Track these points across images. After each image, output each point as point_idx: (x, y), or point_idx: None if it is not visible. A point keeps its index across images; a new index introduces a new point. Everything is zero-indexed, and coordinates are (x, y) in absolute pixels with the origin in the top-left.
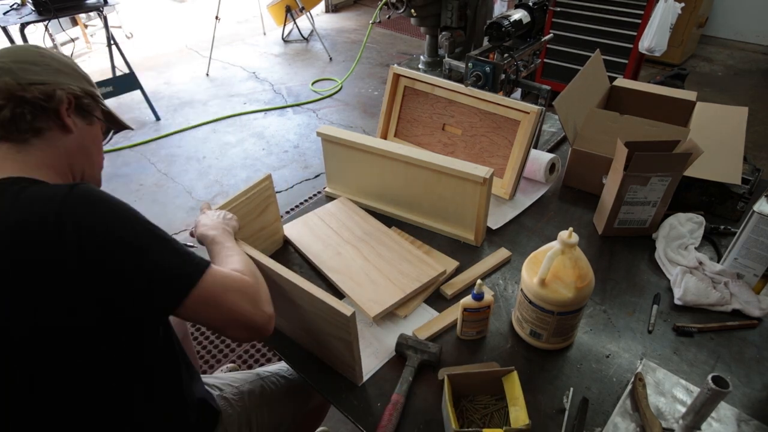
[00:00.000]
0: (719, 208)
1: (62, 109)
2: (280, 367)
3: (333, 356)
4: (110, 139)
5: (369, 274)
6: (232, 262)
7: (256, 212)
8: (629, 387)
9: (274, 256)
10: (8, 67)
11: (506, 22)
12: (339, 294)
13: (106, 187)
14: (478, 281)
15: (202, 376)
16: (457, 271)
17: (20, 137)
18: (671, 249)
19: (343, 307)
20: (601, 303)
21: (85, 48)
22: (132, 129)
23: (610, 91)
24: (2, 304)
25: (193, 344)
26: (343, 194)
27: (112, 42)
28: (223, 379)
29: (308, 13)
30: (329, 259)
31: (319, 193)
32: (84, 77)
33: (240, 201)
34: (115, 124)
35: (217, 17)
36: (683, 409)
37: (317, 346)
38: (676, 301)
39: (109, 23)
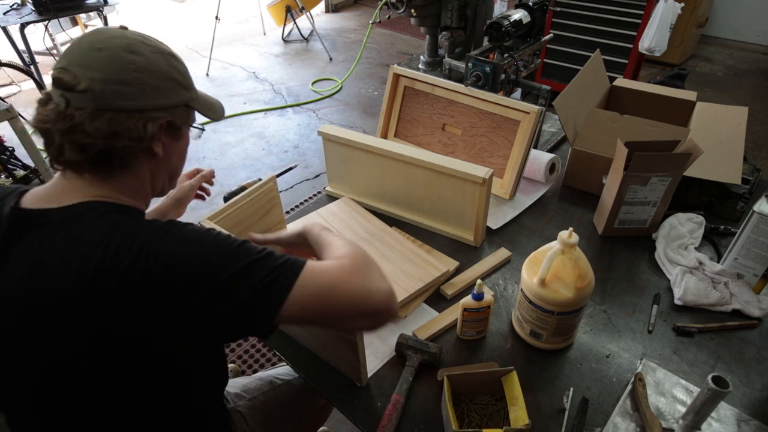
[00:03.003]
0: (719, 208)
1: (154, 142)
2: (287, 371)
3: (337, 357)
4: (201, 132)
5: None
6: (337, 246)
7: (260, 213)
8: (629, 387)
9: None
10: (99, 89)
11: (506, 22)
12: None
13: None
14: (478, 281)
15: None
16: (457, 271)
17: (106, 169)
18: (671, 249)
19: None
20: (601, 303)
21: None
22: (219, 118)
23: (610, 91)
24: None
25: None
26: (344, 194)
27: None
28: (234, 388)
29: (308, 13)
30: None
31: (319, 193)
32: (181, 83)
33: (244, 203)
34: (207, 114)
35: (217, 17)
36: (683, 409)
37: (320, 347)
38: (676, 301)
39: (109, 23)
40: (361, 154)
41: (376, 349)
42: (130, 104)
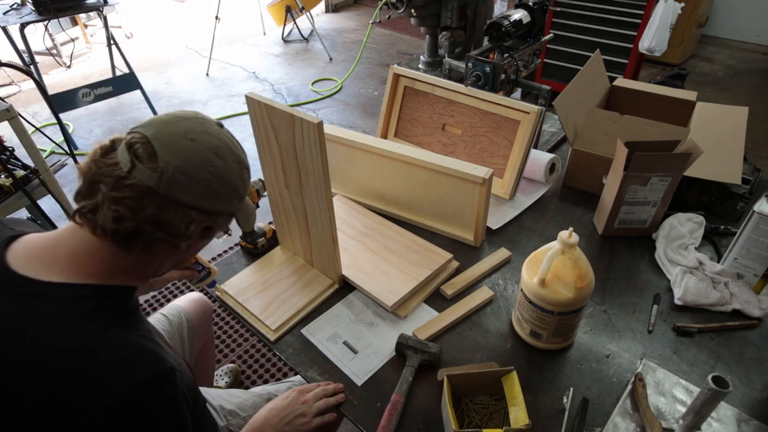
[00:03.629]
0: (719, 208)
1: (184, 238)
2: (290, 385)
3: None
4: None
5: (379, 266)
6: None
7: None
8: (629, 387)
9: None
10: (170, 174)
11: (506, 22)
12: (350, 288)
13: None
14: None
15: (211, 390)
16: (457, 271)
17: (127, 250)
18: (671, 249)
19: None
20: (601, 303)
21: (85, 48)
22: (248, 230)
23: (610, 91)
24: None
25: (214, 347)
26: (344, 194)
27: (112, 42)
28: (229, 403)
29: (308, 13)
30: None
31: None
32: (240, 195)
33: None
34: (245, 224)
35: (217, 17)
36: (683, 409)
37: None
38: (676, 301)
39: (109, 23)
40: (361, 154)
41: (376, 349)
42: (186, 199)
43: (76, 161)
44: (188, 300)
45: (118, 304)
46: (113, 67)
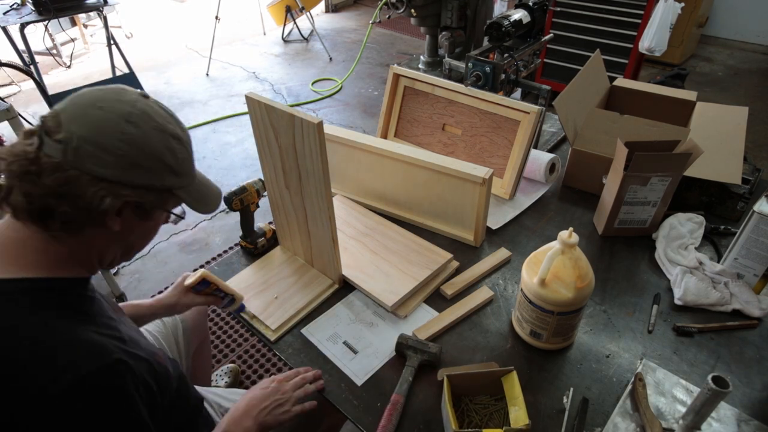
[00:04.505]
0: (719, 208)
1: (107, 216)
2: None
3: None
4: (179, 219)
5: (379, 266)
6: None
7: None
8: (629, 387)
9: (270, 257)
10: (75, 145)
11: (506, 22)
12: (350, 288)
13: None
14: None
15: (210, 390)
16: (457, 271)
17: (49, 231)
18: (671, 249)
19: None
20: (601, 303)
21: (84, 48)
22: (208, 212)
23: (610, 91)
24: None
25: (210, 347)
26: (344, 194)
27: (112, 42)
28: (227, 401)
29: (308, 13)
30: None
31: None
32: (172, 167)
33: None
34: (195, 208)
35: (217, 17)
36: (683, 409)
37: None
38: (676, 301)
39: (109, 23)
40: (361, 154)
41: (376, 349)
42: (99, 171)
43: None
44: None
45: (60, 296)
46: (113, 67)
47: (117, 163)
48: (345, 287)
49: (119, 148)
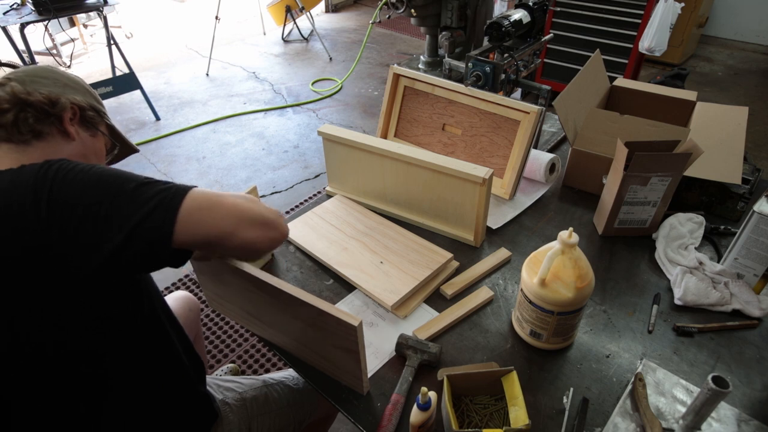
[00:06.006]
0: (719, 208)
1: (65, 116)
2: (286, 375)
3: (335, 367)
4: (114, 159)
5: (379, 265)
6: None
7: None
8: (629, 387)
9: (267, 266)
10: (20, 78)
11: (506, 22)
12: (350, 288)
13: None
14: (423, 389)
15: (208, 377)
16: (457, 271)
17: (21, 138)
18: (671, 249)
19: (350, 318)
20: (601, 303)
21: (83, 48)
22: (137, 151)
23: (610, 91)
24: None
25: (204, 345)
26: (345, 194)
27: (111, 42)
28: (227, 382)
29: (308, 13)
30: (337, 255)
31: (319, 193)
32: (92, 94)
33: None
34: (120, 142)
35: (217, 17)
36: (683, 409)
37: (318, 358)
38: (676, 301)
39: (109, 23)
40: (361, 154)
41: (376, 349)
42: (44, 89)
43: None
44: (173, 298)
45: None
46: (113, 67)
47: (56, 84)
48: (345, 287)
49: (52, 76)
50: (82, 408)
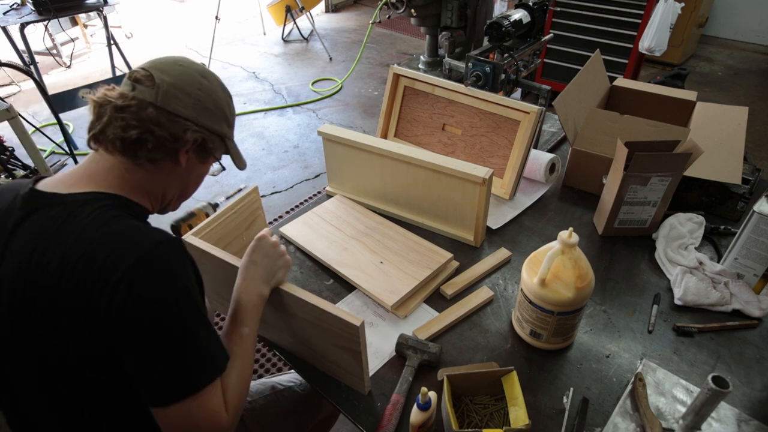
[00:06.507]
0: (719, 208)
1: (182, 149)
2: (292, 378)
3: (336, 367)
4: (221, 170)
5: (379, 265)
6: (234, 363)
7: (244, 226)
8: (629, 387)
9: None
10: (164, 88)
11: (506, 22)
12: (350, 288)
13: None
14: (423, 389)
15: None
16: (457, 271)
17: (136, 161)
18: (671, 249)
19: (352, 318)
20: (601, 303)
21: (84, 48)
22: (244, 168)
23: (610, 91)
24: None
25: None
26: (345, 194)
27: (112, 42)
28: None
29: (308, 13)
30: (337, 254)
31: (319, 193)
32: (227, 118)
33: (227, 216)
34: (234, 158)
35: (217, 17)
36: (683, 409)
37: (319, 358)
38: (676, 301)
39: (109, 23)
40: (361, 154)
41: (376, 349)
42: (182, 111)
43: (75, 161)
44: None
45: (132, 213)
46: (113, 67)
47: (193, 105)
48: (345, 287)
49: (196, 95)
50: (86, 413)
